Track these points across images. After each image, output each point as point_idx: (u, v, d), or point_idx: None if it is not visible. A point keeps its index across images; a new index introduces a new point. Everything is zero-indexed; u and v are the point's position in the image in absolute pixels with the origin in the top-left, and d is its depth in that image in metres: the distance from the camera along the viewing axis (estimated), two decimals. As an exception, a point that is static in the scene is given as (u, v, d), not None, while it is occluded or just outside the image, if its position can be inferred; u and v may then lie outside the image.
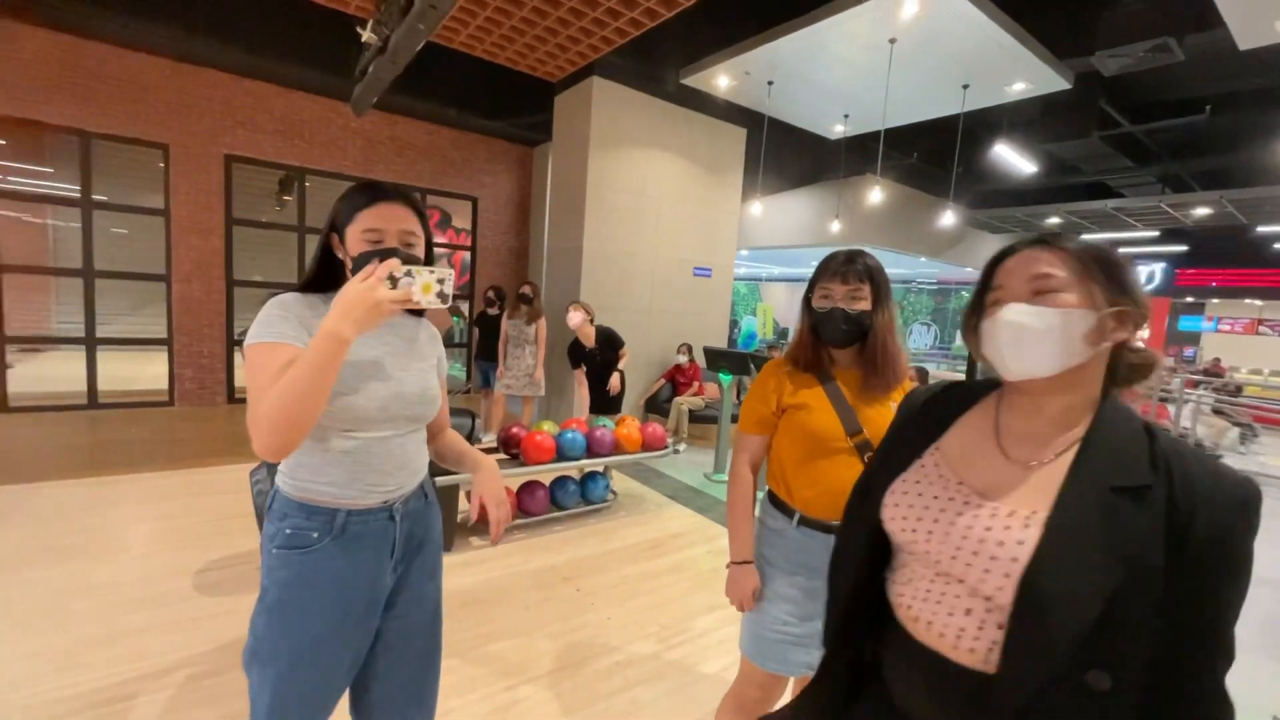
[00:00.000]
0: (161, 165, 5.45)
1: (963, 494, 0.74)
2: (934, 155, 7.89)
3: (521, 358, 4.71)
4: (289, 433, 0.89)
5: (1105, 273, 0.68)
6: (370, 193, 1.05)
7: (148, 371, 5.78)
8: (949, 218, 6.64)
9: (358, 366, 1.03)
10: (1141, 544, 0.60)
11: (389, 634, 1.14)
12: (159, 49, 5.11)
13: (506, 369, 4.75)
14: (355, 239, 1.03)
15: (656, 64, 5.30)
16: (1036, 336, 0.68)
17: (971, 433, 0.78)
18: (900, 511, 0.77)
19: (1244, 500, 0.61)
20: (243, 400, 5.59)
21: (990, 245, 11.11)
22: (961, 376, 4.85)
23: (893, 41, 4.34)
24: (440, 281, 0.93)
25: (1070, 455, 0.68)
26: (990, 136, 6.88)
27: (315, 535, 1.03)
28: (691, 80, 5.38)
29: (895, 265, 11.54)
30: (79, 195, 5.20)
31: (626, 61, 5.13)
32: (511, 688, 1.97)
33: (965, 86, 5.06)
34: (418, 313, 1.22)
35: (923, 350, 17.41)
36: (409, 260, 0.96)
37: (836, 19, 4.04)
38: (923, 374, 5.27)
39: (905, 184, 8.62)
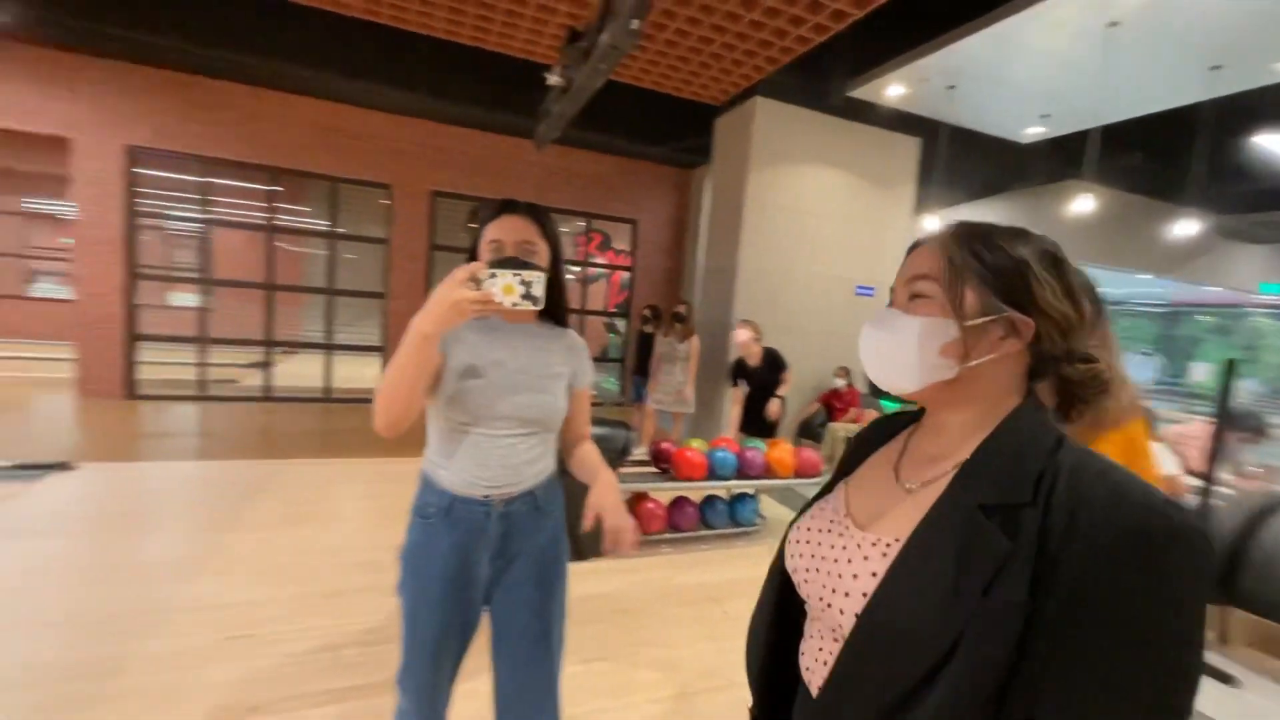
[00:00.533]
0: (384, 202, 6.54)
1: (840, 526, 0.63)
2: (1164, 153, 6.58)
3: (672, 374, 4.80)
4: (389, 414, 1.02)
5: (991, 276, 0.56)
6: (496, 207, 1.16)
7: (366, 373, 6.89)
8: (1187, 227, 5.49)
9: (473, 365, 1.12)
10: (1000, 575, 0.46)
11: (496, 626, 1.21)
12: (387, 106, 6.17)
13: (657, 385, 4.88)
14: (483, 249, 1.15)
15: (821, 78, 5.14)
16: (886, 349, 0.60)
17: (879, 460, 0.68)
18: (798, 549, 0.66)
19: (1142, 530, 0.43)
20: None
21: (1247, 258, 8.94)
22: (1194, 417, 3.93)
23: (1113, 25, 3.73)
24: (525, 284, 0.94)
25: (954, 474, 0.55)
26: (1249, 125, 5.57)
27: (431, 510, 1.16)
28: (859, 92, 5.13)
29: (1106, 284, 9.80)
30: (327, 228, 6.44)
31: (789, 79, 5.05)
32: (658, 700, 1.98)
33: (1214, 68, 4.18)
34: (561, 322, 1.26)
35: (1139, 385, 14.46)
36: (524, 266, 0.96)
37: (1041, 7, 3.57)
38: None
39: (1122, 189, 7.31)
